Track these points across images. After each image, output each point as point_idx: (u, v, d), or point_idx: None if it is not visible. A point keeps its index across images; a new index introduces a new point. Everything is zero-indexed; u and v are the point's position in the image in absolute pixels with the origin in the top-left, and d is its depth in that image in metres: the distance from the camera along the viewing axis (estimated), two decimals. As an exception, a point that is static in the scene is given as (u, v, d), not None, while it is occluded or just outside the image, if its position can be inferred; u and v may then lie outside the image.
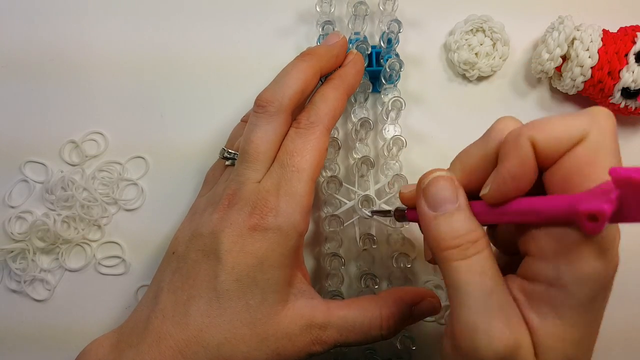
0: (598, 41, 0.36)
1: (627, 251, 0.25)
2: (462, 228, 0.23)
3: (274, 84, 0.31)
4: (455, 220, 0.23)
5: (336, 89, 0.32)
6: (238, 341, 0.28)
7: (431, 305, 0.31)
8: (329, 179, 0.35)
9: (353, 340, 0.30)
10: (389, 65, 0.35)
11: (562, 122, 0.22)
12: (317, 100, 0.32)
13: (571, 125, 0.22)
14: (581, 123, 0.22)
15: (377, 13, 0.40)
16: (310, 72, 0.31)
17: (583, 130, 0.21)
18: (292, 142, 0.30)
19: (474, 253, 0.23)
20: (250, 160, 0.30)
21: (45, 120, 0.40)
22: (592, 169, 0.21)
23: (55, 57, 0.41)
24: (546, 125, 0.22)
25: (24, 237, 0.38)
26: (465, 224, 0.23)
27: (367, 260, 0.37)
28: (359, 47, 0.35)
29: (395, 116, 0.37)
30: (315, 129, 0.30)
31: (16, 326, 0.38)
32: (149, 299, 0.31)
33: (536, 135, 0.22)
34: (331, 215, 0.35)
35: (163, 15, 0.41)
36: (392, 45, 0.38)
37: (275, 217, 0.29)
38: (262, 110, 0.30)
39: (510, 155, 0.22)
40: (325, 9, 0.38)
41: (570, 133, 0.22)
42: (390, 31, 0.37)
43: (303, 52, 0.33)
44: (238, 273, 0.28)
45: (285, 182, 0.29)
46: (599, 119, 0.22)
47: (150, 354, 0.28)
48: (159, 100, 0.40)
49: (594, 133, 0.21)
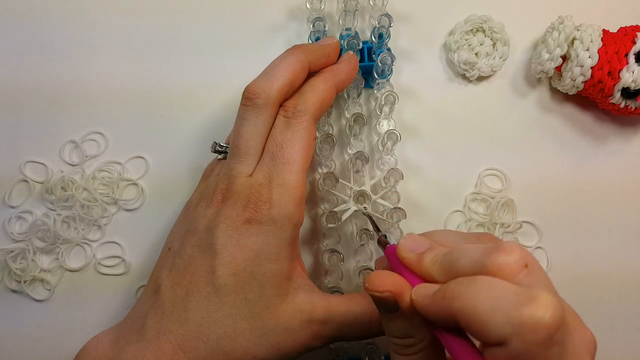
0: (598, 41, 0.36)
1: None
2: (400, 333, 0.25)
3: (262, 75, 0.31)
4: (395, 326, 0.25)
5: (326, 81, 0.32)
6: (237, 335, 0.28)
7: None
8: (325, 176, 0.35)
9: (353, 335, 0.30)
10: (380, 60, 0.35)
11: (485, 315, 0.20)
12: (306, 89, 0.32)
13: (492, 327, 0.19)
14: (502, 329, 0.19)
15: (367, 8, 0.40)
16: (298, 66, 0.31)
17: (502, 337, 0.19)
18: (281, 133, 0.30)
19: (406, 354, 0.25)
20: (240, 155, 0.30)
21: (45, 120, 0.40)
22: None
23: (55, 57, 0.41)
24: (471, 310, 0.20)
25: (24, 237, 0.38)
26: (402, 330, 0.25)
27: (365, 256, 0.37)
28: (350, 42, 0.35)
29: (389, 110, 0.37)
30: (303, 119, 0.30)
31: (16, 326, 0.38)
32: (147, 296, 0.31)
33: (459, 313, 0.21)
34: (329, 212, 0.35)
35: (162, 9, 0.41)
36: (383, 40, 0.38)
37: (269, 210, 0.29)
38: (250, 102, 0.30)
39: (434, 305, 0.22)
40: (315, 5, 0.38)
41: (490, 333, 0.20)
42: (381, 26, 0.37)
43: (293, 45, 0.33)
44: (235, 267, 0.28)
45: (277, 175, 0.29)
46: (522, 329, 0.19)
47: (150, 349, 0.28)
48: (159, 100, 0.40)
49: (514, 344, 0.19)
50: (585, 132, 0.40)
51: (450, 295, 0.21)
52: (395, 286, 0.24)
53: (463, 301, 0.21)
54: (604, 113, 0.40)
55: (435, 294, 0.22)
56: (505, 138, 0.40)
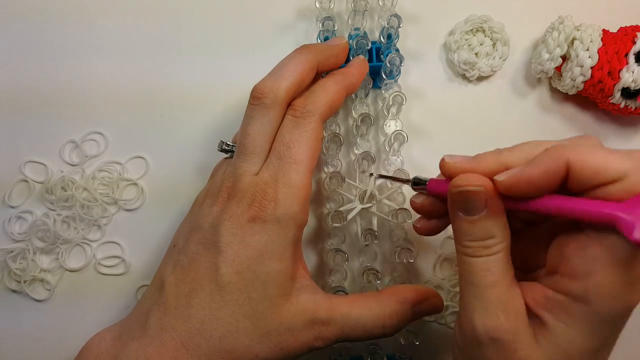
0: (598, 41, 0.36)
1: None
2: (481, 235, 0.25)
3: (270, 75, 0.31)
4: (477, 227, 0.25)
5: (337, 84, 0.32)
6: (240, 334, 0.28)
7: (434, 304, 0.32)
8: (332, 175, 0.35)
9: (355, 336, 0.30)
10: (389, 61, 0.35)
11: (604, 157, 0.23)
12: (317, 89, 0.32)
13: (612, 164, 0.22)
14: (623, 164, 0.22)
15: (376, 8, 0.40)
16: (307, 65, 0.31)
17: (623, 172, 0.22)
18: (289, 133, 0.30)
19: (485, 255, 0.25)
20: (247, 153, 0.30)
21: (45, 120, 0.40)
22: None
23: (55, 57, 0.41)
24: (588, 156, 0.23)
25: (24, 237, 0.38)
26: (484, 231, 0.25)
27: (369, 256, 0.37)
28: (358, 42, 0.35)
29: (396, 111, 0.37)
30: (312, 119, 0.30)
31: (16, 326, 0.38)
32: (151, 292, 0.31)
33: (574, 161, 0.23)
34: (334, 211, 0.35)
35: (164, 10, 0.41)
36: (392, 41, 0.38)
37: (274, 209, 0.29)
38: (258, 102, 0.30)
39: (540, 164, 0.23)
40: (324, 5, 0.38)
41: (609, 170, 0.22)
42: (390, 26, 0.37)
43: (302, 45, 0.33)
44: (239, 265, 0.28)
45: (283, 174, 0.29)
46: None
47: (152, 346, 0.28)
48: (159, 100, 0.40)
49: (633, 177, 0.22)
50: (585, 132, 0.40)
51: (562, 151, 0.23)
52: (483, 181, 0.25)
53: (579, 151, 0.23)
54: (604, 113, 0.40)
55: (540, 157, 0.24)
56: (505, 138, 0.40)
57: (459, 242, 0.26)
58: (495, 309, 0.24)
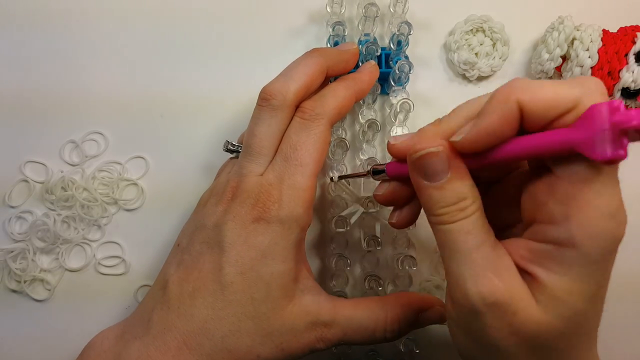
0: (598, 41, 0.36)
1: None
2: (451, 198, 0.24)
3: (279, 77, 0.31)
4: (446, 191, 0.24)
5: (347, 89, 0.32)
6: (242, 334, 0.28)
7: (438, 313, 0.31)
8: (338, 177, 0.35)
9: (357, 339, 0.30)
10: (398, 67, 0.35)
11: (554, 88, 0.22)
12: (327, 93, 0.31)
13: (563, 93, 0.22)
14: (573, 91, 0.22)
15: (387, 15, 0.40)
16: (317, 69, 0.31)
17: (575, 98, 0.21)
18: (296, 135, 0.30)
19: (462, 217, 0.24)
20: (253, 154, 0.30)
21: (45, 120, 0.40)
22: None
23: (56, 57, 0.41)
24: (537, 90, 0.22)
25: (24, 237, 0.38)
26: (454, 194, 0.24)
27: (371, 262, 0.37)
28: (368, 48, 0.35)
29: (404, 118, 0.37)
30: (320, 122, 0.30)
31: (16, 326, 0.38)
32: (154, 291, 0.31)
33: (525, 99, 0.22)
34: (338, 216, 0.35)
35: (167, 13, 0.41)
36: (401, 47, 0.38)
37: (278, 210, 0.29)
38: (266, 103, 0.30)
39: (493, 111, 0.23)
40: (335, 9, 0.38)
41: (561, 101, 0.22)
42: (400, 33, 0.37)
43: (312, 48, 0.33)
44: (242, 266, 0.28)
45: (289, 176, 0.29)
46: (591, 87, 0.22)
47: (155, 344, 0.28)
48: (159, 100, 0.40)
49: (586, 100, 0.21)
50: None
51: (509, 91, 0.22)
52: (440, 141, 0.24)
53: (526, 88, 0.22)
54: (604, 113, 0.40)
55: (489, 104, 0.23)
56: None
57: (431, 213, 0.25)
58: (485, 271, 0.23)
